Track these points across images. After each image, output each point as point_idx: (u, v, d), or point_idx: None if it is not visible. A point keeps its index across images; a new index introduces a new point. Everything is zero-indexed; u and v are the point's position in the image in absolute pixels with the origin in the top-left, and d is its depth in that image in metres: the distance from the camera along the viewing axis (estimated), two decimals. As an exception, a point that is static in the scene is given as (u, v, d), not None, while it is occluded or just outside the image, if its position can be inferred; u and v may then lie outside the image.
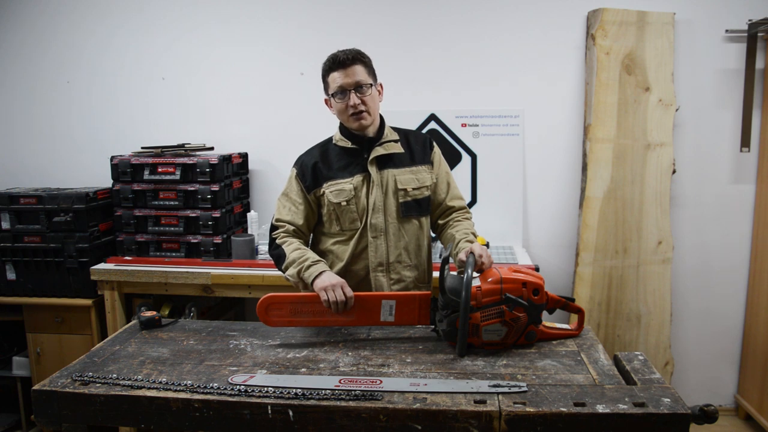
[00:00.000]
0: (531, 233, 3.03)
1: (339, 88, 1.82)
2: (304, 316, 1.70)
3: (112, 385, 1.40)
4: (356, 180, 1.88)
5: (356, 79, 1.81)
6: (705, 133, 2.89)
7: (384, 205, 1.88)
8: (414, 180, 1.91)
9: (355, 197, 1.87)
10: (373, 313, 1.70)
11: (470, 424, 1.24)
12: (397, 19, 2.95)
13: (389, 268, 1.91)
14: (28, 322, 2.78)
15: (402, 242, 1.91)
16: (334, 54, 1.84)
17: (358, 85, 1.82)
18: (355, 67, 1.82)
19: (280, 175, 3.14)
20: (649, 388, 1.34)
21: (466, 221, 1.96)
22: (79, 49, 3.16)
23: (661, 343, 2.89)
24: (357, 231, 1.89)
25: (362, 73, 1.83)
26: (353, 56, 1.82)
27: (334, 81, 1.83)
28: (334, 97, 1.85)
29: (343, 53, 1.82)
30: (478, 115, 2.93)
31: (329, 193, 1.88)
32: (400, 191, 1.89)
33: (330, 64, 1.84)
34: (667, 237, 2.86)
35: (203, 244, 2.75)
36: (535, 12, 2.89)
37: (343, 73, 1.81)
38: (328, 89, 1.87)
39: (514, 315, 1.56)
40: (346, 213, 1.88)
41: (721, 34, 2.81)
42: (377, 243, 1.89)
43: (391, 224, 1.89)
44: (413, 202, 1.91)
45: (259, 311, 1.68)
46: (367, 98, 1.84)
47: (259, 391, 1.35)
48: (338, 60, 1.81)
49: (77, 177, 3.19)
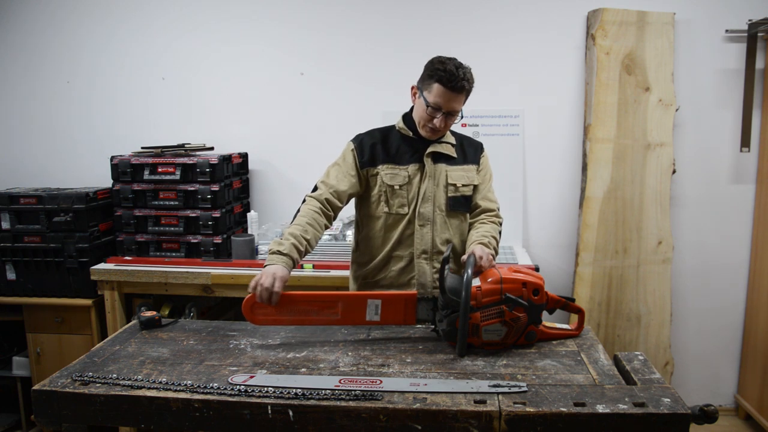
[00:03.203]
0: (531, 233, 3.03)
1: (436, 104, 1.83)
2: (290, 314, 1.69)
3: (112, 385, 1.40)
4: (412, 168, 1.94)
5: (454, 107, 1.84)
6: (705, 133, 2.89)
7: (434, 196, 1.94)
8: (464, 177, 1.98)
9: (408, 184, 1.93)
10: (358, 313, 1.70)
11: (470, 424, 1.24)
12: (397, 19, 2.95)
13: (433, 257, 1.96)
14: (28, 322, 2.78)
15: (446, 234, 1.97)
16: (453, 70, 1.80)
17: (452, 112, 1.86)
18: (460, 95, 1.84)
19: (280, 175, 3.14)
20: (649, 388, 1.34)
21: (490, 224, 1.97)
22: (79, 49, 3.16)
23: (661, 343, 2.89)
24: (405, 216, 1.95)
25: (462, 101, 1.86)
26: (465, 85, 1.82)
27: (436, 93, 1.82)
28: (426, 105, 1.85)
29: (462, 75, 1.80)
30: (478, 115, 2.93)
31: (384, 175, 1.93)
32: (450, 186, 1.95)
33: (443, 76, 1.80)
34: (667, 237, 2.86)
35: (203, 244, 2.75)
36: (535, 12, 2.89)
37: (449, 96, 1.81)
38: (425, 90, 1.85)
39: (514, 315, 1.56)
40: (397, 197, 1.94)
41: (721, 34, 2.81)
42: (423, 231, 1.94)
43: (438, 215, 1.95)
44: (462, 197, 1.98)
45: (244, 309, 1.68)
46: (451, 123, 1.91)
47: (259, 391, 1.35)
48: (453, 81, 1.79)
49: (77, 177, 3.19)
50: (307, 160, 3.08)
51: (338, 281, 2.46)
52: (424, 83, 1.86)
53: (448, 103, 1.83)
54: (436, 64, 1.83)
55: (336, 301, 1.70)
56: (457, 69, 1.81)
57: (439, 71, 1.81)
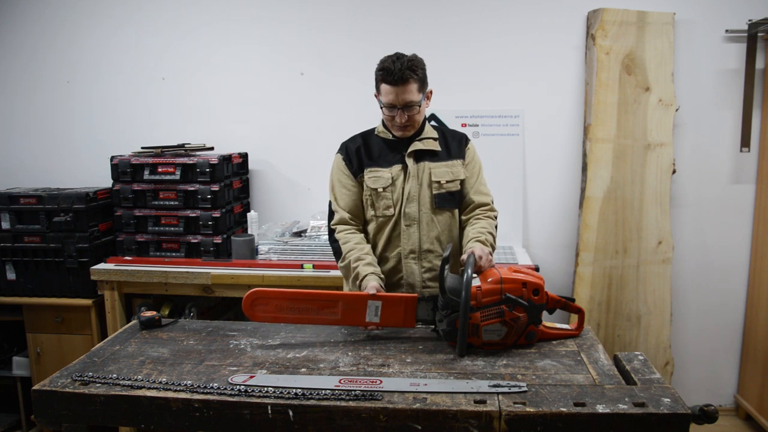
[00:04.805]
0: (531, 233, 3.03)
1: (389, 102, 1.85)
2: (290, 312, 1.69)
3: (112, 385, 1.40)
4: (394, 170, 1.94)
5: (406, 98, 1.83)
6: (705, 133, 2.89)
7: (419, 196, 1.94)
8: (448, 173, 1.96)
9: (392, 185, 1.94)
10: (358, 314, 1.70)
11: (470, 424, 1.24)
12: (397, 20, 2.95)
13: (421, 256, 1.95)
14: (28, 322, 2.78)
15: (434, 232, 1.96)
16: (390, 66, 1.81)
17: (408, 104, 1.84)
18: (408, 86, 1.82)
19: (280, 175, 3.14)
20: (649, 388, 1.34)
21: (485, 220, 1.95)
22: (79, 49, 3.16)
23: (661, 343, 2.89)
24: (391, 218, 1.95)
25: (413, 91, 1.83)
26: (406, 75, 1.80)
27: (385, 93, 1.85)
28: (382, 107, 1.89)
29: (398, 68, 1.80)
30: (478, 115, 2.93)
31: (368, 179, 1.95)
32: (434, 183, 1.94)
33: (384, 76, 1.83)
34: (667, 237, 2.86)
35: (203, 244, 2.75)
36: (536, 12, 2.89)
37: (395, 91, 1.82)
38: (379, 96, 1.89)
39: (514, 315, 1.56)
40: (382, 200, 1.94)
41: (721, 34, 2.81)
42: (410, 231, 1.94)
43: (424, 214, 1.95)
44: (447, 194, 1.96)
45: (244, 305, 1.68)
46: (415, 116, 1.89)
47: (259, 391, 1.35)
48: (393, 76, 1.80)
49: (77, 177, 3.19)
50: (307, 160, 3.08)
51: (338, 281, 2.46)
52: (376, 88, 1.90)
53: (399, 98, 1.82)
54: (378, 66, 1.86)
55: (336, 301, 1.70)
56: (395, 62, 1.81)
57: (379, 72, 1.85)
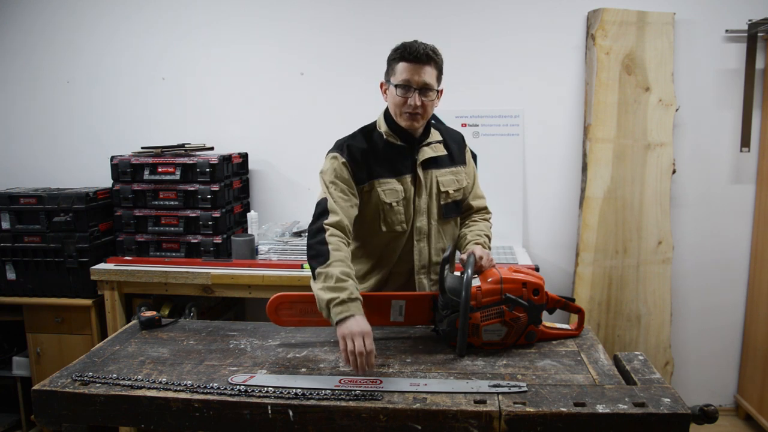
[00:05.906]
0: (531, 233, 3.03)
1: (405, 81, 1.70)
2: (315, 315, 1.65)
3: (112, 385, 1.40)
4: (406, 181, 1.80)
5: (425, 80, 1.70)
6: (705, 133, 2.89)
7: (428, 208, 1.83)
8: (454, 182, 1.87)
9: (405, 199, 1.80)
10: (383, 314, 1.68)
11: (470, 424, 1.24)
12: (396, 19, 2.95)
13: (430, 270, 1.87)
14: (28, 322, 2.78)
15: (441, 243, 1.87)
16: (411, 44, 1.70)
17: (425, 87, 1.71)
18: (428, 67, 1.70)
19: (280, 175, 3.14)
20: (649, 388, 1.34)
21: (482, 222, 1.92)
22: (79, 49, 3.16)
23: (661, 343, 2.89)
24: (404, 234, 1.82)
25: (432, 76, 1.72)
26: (430, 55, 1.70)
27: (401, 72, 1.70)
28: (395, 88, 1.72)
29: (423, 47, 1.69)
30: (478, 115, 2.93)
31: (381, 192, 1.78)
32: (442, 193, 1.84)
33: (403, 53, 1.70)
34: (667, 237, 2.86)
35: (203, 244, 2.75)
36: (535, 12, 2.89)
37: (415, 69, 1.69)
38: (391, 76, 1.75)
39: (514, 315, 1.56)
40: (394, 214, 1.79)
41: (721, 34, 2.81)
42: (420, 246, 1.84)
43: (432, 226, 1.85)
44: (453, 203, 1.88)
45: (269, 311, 1.66)
46: (428, 103, 1.74)
47: (259, 391, 1.35)
48: (414, 53, 1.68)
49: (77, 177, 3.19)
50: (307, 160, 3.08)
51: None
52: (389, 71, 1.77)
53: (416, 77, 1.69)
54: (395, 47, 1.74)
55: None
56: (417, 42, 1.72)
57: (398, 50, 1.72)
